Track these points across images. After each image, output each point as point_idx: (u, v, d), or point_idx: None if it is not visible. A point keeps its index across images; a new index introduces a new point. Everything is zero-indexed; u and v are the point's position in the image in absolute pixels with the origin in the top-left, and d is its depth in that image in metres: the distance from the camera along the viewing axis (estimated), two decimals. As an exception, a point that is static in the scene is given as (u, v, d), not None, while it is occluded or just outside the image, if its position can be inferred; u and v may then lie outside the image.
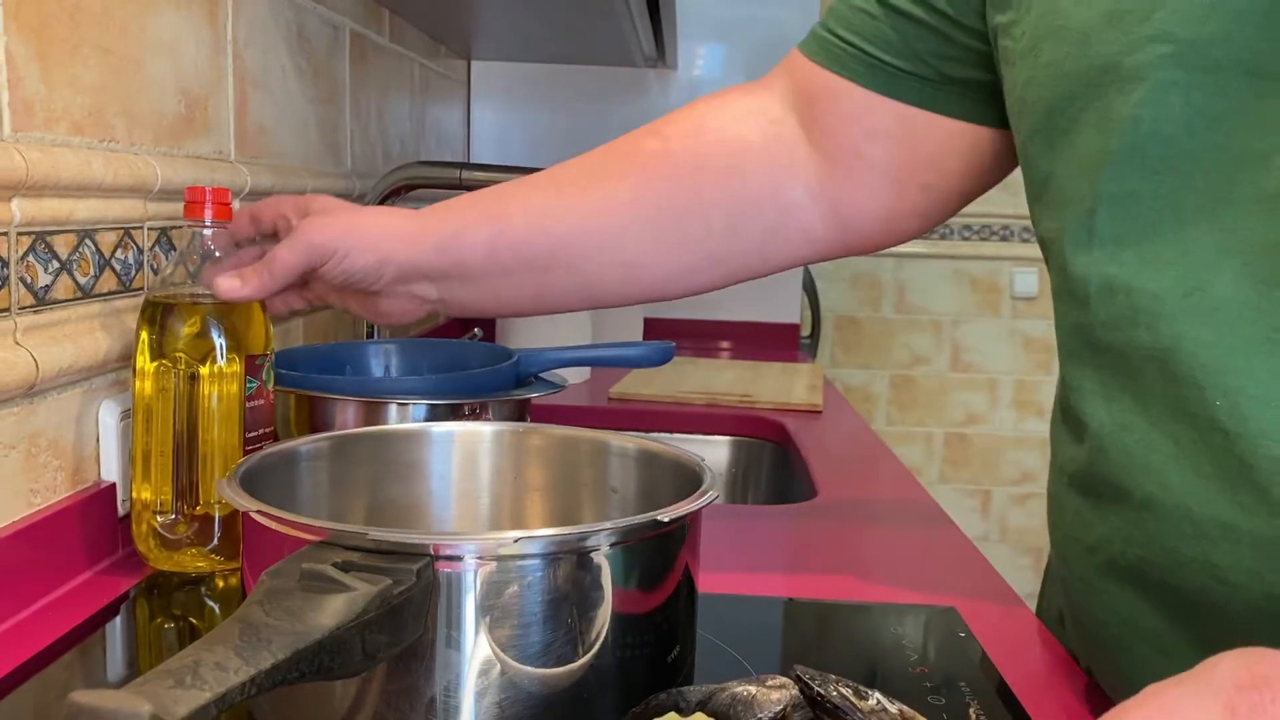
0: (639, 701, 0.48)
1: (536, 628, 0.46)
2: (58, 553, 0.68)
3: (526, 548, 0.46)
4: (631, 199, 0.70)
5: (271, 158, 1.03)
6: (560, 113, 2.01)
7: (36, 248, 0.66)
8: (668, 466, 0.61)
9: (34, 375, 0.64)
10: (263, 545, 0.48)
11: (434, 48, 1.70)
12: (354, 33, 1.27)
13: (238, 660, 0.34)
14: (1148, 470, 0.48)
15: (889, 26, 0.64)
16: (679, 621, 0.53)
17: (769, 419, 1.33)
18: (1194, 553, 0.47)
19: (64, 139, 0.68)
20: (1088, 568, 0.55)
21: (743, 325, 2.02)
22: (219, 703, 0.33)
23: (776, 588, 0.74)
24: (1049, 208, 0.55)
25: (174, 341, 0.69)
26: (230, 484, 0.49)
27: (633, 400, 1.40)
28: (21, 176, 0.62)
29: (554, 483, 0.64)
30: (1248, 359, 0.44)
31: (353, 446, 0.61)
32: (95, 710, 0.30)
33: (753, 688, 0.41)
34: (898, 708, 0.40)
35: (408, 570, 0.42)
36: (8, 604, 0.63)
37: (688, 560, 0.53)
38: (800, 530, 0.89)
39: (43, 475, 0.67)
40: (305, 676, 0.37)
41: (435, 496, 0.63)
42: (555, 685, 0.47)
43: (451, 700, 0.46)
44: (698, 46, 2.01)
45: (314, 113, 1.15)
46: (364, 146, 1.33)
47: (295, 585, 0.39)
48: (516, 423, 0.68)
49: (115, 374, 0.74)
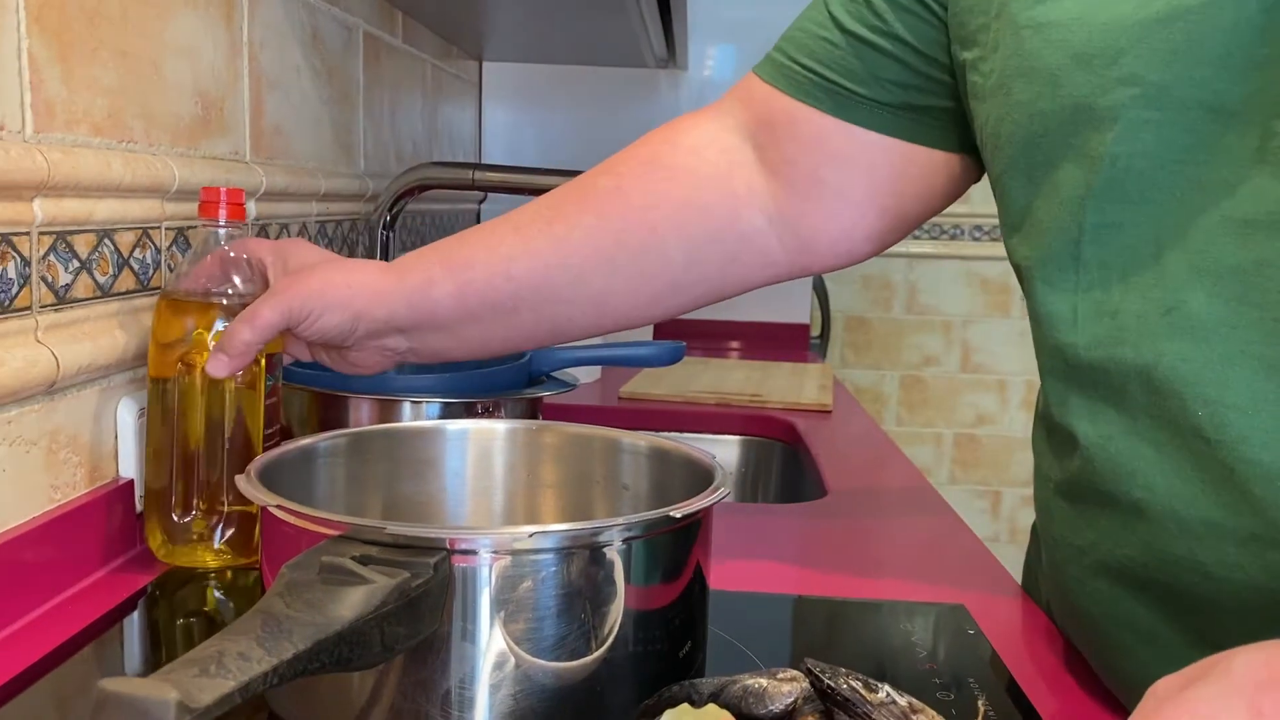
0: (651, 696, 0.48)
1: (550, 622, 0.47)
2: (78, 548, 0.69)
3: (541, 542, 0.46)
4: (588, 239, 0.71)
5: (287, 158, 1.04)
6: (571, 113, 2.02)
7: (57, 247, 0.67)
8: (679, 464, 0.61)
9: (55, 373, 0.65)
10: (281, 540, 0.48)
11: (446, 49, 1.71)
12: (367, 34, 1.28)
13: (260, 650, 0.35)
14: (1134, 477, 0.51)
15: (851, 54, 0.65)
16: (691, 617, 0.54)
17: (779, 419, 1.34)
18: (1181, 551, 0.49)
19: (84, 140, 0.69)
20: (1078, 567, 0.57)
21: (752, 325, 2.03)
22: (242, 691, 0.33)
23: (787, 585, 0.74)
24: (1028, 237, 0.57)
25: (192, 340, 0.70)
26: (249, 479, 0.50)
27: (643, 400, 1.40)
28: (44, 177, 0.63)
29: (567, 480, 0.64)
30: (1225, 371, 0.47)
31: (369, 443, 0.62)
32: (123, 697, 0.31)
33: (764, 680, 0.42)
34: (907, 700, 0.41)
35: (425, 564, 0.43)
36: (30, 598, 0.64)
37: (700, 556, 0.54)
38: (810, 528, 0.89)
39: (63, 471, 0.68)
40: (325, 667, 0.38)
41: (450, 493, 0.63)
42: (569, 679, 0.48)
43: (467, 693, 0.47)
44: (708, 47, 2.01)
45: (328, 113, 1.16)
46: (377, 147, 1.34)
47: (315, 578, 0.40)
48: (530, 420, 0.69)
49: (133, 372, 0.75)
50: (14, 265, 0.63)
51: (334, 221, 1.18)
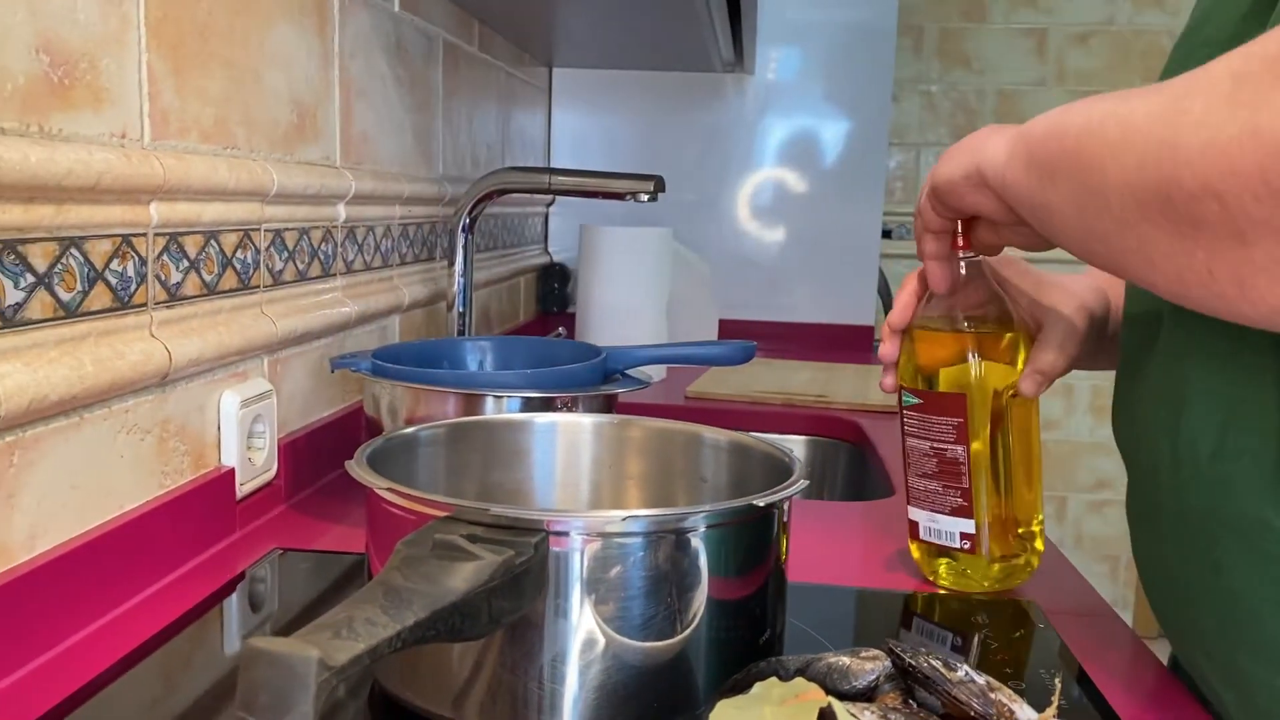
0: (739, 672, 0.51)
1: (638, 603, 0.50)
2: (184, 530, 0.73)
3: (632, 526, 0.49)
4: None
5: (372, 164, 1.08)
6: (637, 117, 2.04)
7: (170, 247, 0.71)
8: (758, 459, 0.63)
9: (167, 366, 0.69)
10: (388, 521, 0.52)
11: (518, 56, 1.75)
12: (447, 43, 1.33)
13: (385, 617, 0.38)
14: None
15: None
16: (771, 604, 0.56)
17: (845, 419, 1.35)
18: None
19: (193, 147, 0.74)
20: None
21: (815, 327, 2.04)
22: (371, 653, 0.37)
23: (856, 578, 0.76)
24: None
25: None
26: (360, 465, 0.53)
27: (709, 399, 1.43)
28: (160, 182, 0.67)
29: (650, 472, 0.67)
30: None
31: (465, 434, 0.65)
32: (271, 653, 0.34)
33: (847, 658, 0.44)
34: (985, 679, 0.43)
35: (526, 543, 0.46)
36: (144, 576, 0.68)
37: (779, 545, 0.56)
38: (879, 524, 0.91)
39: (172, 459, 0.73)
40: (440, 635, 0.41)
41: (539, 482, 0.66)
42: (655, 658, 0.51)
43: (560, 667, 0.49)
44: (773, 50, 2.03)
45: (410, 120, 1.20)
46: (454, 152, 1.38)
47: (429, 553, 0.43)
48: (615, 415, 0.72)
49: (234, 366, 0.80)
50: (132, 264, 0.67)
51: (415, 224, 1.22)
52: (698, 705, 0.51)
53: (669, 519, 0.50)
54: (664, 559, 0.50)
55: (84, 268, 0.62)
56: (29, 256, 0.58)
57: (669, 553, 0.50)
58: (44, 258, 0.59)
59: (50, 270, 0.59)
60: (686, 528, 0.50)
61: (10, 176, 0.54)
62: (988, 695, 0.42)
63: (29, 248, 0.58)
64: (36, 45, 0.58)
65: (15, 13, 0.56)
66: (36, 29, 0.58)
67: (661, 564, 0.50)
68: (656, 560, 0.50)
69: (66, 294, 0.61)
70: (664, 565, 0.50)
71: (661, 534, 0.50)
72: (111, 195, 0.63)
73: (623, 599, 0.49)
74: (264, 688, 0.34)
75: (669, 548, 0.50)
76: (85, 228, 0.62)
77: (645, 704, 0.50)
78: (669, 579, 0.50)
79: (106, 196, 0.63)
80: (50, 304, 0.60)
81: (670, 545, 0.50)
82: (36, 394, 0.56)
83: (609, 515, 0.49)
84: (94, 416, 0.64)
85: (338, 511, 0.87)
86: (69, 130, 0.61)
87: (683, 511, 0.51)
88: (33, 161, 0.55)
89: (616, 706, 0.49)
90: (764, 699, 0.42)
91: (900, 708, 0.42)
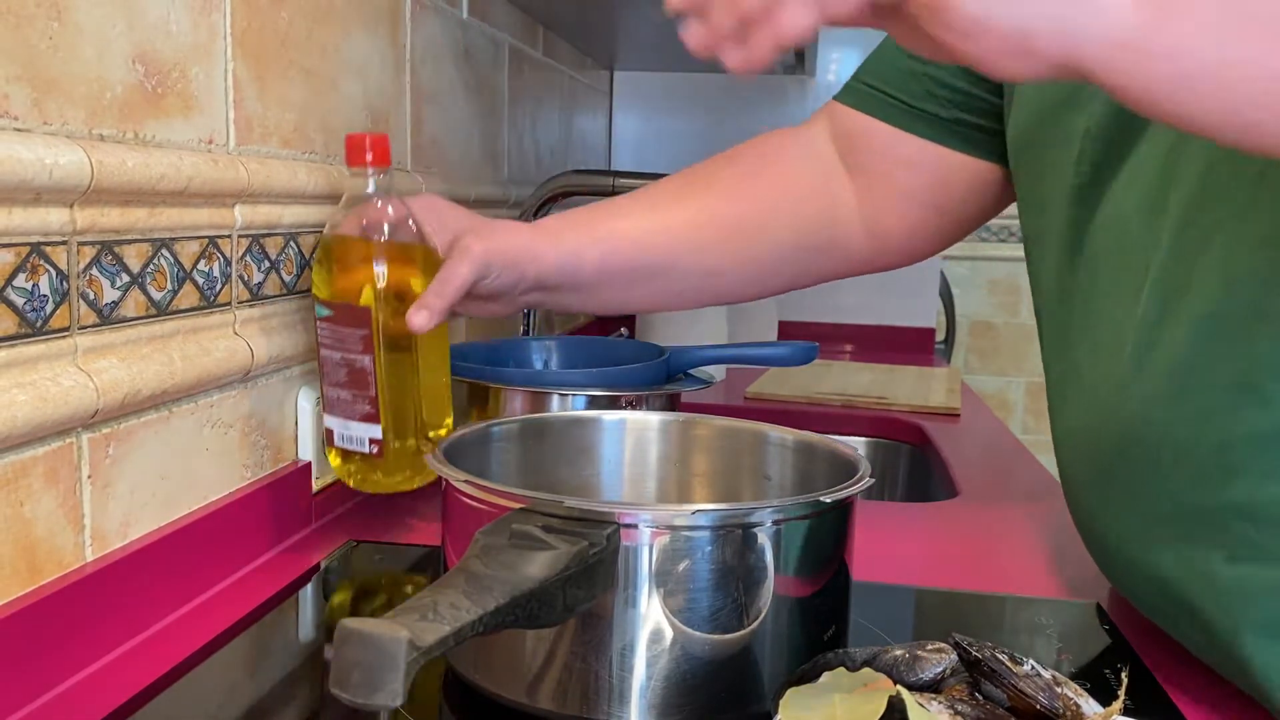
0: (806, 663, 0.52)
1: (705, 595, 0.51)
2: (264, 522, 0.76)
3: (700, 520, 0.50)
4: (713, 217, 0.82)
5: (441, 167, 1.11)
6: (698, 120, 2.06)
7: (253, 249, 0.74)
8: (824, 457, 0.64)
9: (250, 362, 0.72)
10: (464, 512, 0.53)
11: (581, 59, 1.77)
12: (512, 48, 1.35)
13: (467, 602, 0.40)
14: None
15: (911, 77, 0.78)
16: (836, 600, 0.57)
17: (906, 421, 1.35)
18: None
19: (274, 151, 0.76)
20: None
21: (876, 329, 2.03)
22: (455, 635, 0.38)
23: (920, 577, 0.77)
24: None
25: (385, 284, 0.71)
26: (438, 458, 0.55)
27: (769, 400, 1.43)
28: (244, 185, 0.70)
29: (716, 470, 0.68)
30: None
31: (537, 429, 0.67)
32: (363, 634, 0.36)
33: (914, 651, 0.45)
34: (1050, 674, 0.43)
35: (599, 534, 0.47)
36: (226, 565, 0.71)
37: (844, 542, 0.57)
38: (943, 525, 0.91)
39: (253, 452, 0.75)
40: (518, 621, 0.42)
41: (606, 478, 0.68)
42: (722, 650, 0.52)
43: (628, 658, 0.51)
44: (834, 52, 2.03)
45: (477, 124, 1.22)
46: (519, 156, 1.41)
47: (506, 543, 0.45)
48: (681, 413, 0.73)
49: (311, 363, 0.82)
50: (218, 265, 0.70)
51: (480, 226, 1.24)
52: (764, 697, 0.52)
53: (736, 513, 0.51)
54: (731, 553, 0.51)
55: (174, 268, 0.65)
56: (125, 257, 0.61)
57: (736, 547, 0.51)
58: (138, 258, 0.62)
59: (143, 270, 0.62)
60: (753, 522, 0.51)
61: (110, 181, 0.56)
62: (1053, 689, 0.43)
63: (125, 249, 0.60)
64: (133, 56, 0.60)
65: (115, 25, 0.59)
66: (134, 40, 0.60)
67: (729, 558, 0.51)
68: (724, 554, 0.51)
69: (158, 293, 0.64)
70: (731, 559, 0.51)
71: (729, 528, 0.51)
72: (199, 199, 0.66)
73: (690, 591, 0.51)
74: (356, 666, 0.36)
75: (736, 542, 0.51)
76: (175, 230, 0.65)
77: (712, 695, 0.51)
78: (735, 573, 0.51)
79: (195, 200, 0.66)
80: (143, 303, 0.62)
81: (737, 540, 0.51)
82: (131, 388, 0.59)
83: (678, 509, 0.50)
84: (181, 410, 0.67)
85: (405, 505, 0.90)
86: (161, 136, 0.63)
87: (750, 506, 0.52)
88: (129, 166, 0.58)
89: (684, 696, 0.51)
90: (834, 687, 0.43)
91: (966, 699, 0.42)
